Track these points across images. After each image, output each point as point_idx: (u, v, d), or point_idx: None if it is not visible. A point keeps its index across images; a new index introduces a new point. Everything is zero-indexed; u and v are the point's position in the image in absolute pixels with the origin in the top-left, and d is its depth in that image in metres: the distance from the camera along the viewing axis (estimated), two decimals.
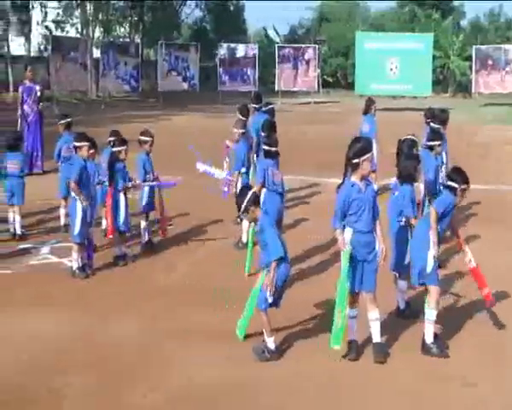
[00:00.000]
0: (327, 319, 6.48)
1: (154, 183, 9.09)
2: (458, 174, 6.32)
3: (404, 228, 6.91)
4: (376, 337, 6.01)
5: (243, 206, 6.08)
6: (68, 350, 6.19)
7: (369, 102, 12.79)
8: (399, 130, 9.79)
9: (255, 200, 6.12)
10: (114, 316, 6.96)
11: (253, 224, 6.78)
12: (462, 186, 6.22)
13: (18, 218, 9.59)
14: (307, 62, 35.60)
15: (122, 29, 42.26)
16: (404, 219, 6.90)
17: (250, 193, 6.12)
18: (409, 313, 6.86)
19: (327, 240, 9.20)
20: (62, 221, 9.82)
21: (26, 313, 7.02)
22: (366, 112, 12.68)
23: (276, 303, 6.02)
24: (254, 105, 11.49)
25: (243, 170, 9.45)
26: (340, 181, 6.01)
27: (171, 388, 5.56)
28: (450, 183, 6.27)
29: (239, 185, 9.25)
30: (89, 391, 5.49)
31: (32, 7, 35.05)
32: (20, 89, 15.13)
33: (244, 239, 9.12)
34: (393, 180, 7.57)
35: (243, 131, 9.61)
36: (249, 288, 6.69)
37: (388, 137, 12.79)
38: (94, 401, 5.37)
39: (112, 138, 9.33)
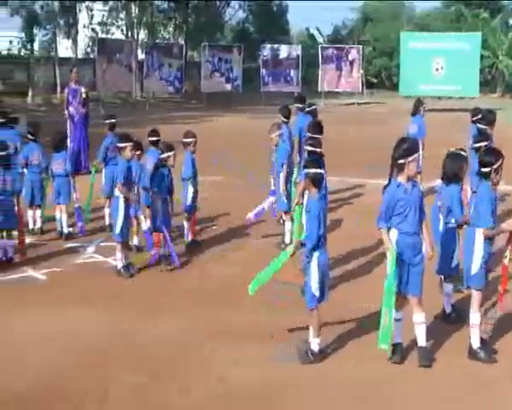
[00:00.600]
0: (371, 321, 6.45)
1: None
2: (489, 155, 6.11)
3: (450, 230, 6.78)
4: (422, 341, 5.92)
5: (307, 170, 6.13)
6: (108, 349, 6.24)
7: (418, 104, 12.64)
8: (445, 132, 9.62)
9: (315, 178, 6.08)
10: (149, 316, 7.00)
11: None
12: (495, 166, 6.01)
13: (65, 217, 9.75)
14: (351, 63, 35.35)
15: (166, 31, 42.66)
16: (453, 221, 6.77)
17: (315, 170, 6.10)
18: (455, 317, 6.74)
19: (371, 241, 9.11)
20: (107, 221, 9.94)
21: (70, 311, 7.12)
22: (414, 113, 12.53)
23: (322, 297, 5.99)
24: (298, 105, 11.46)
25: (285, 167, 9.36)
26: (386, 182, 5.94)
27: (211, 387, 5.57)
28: (483, 169, 6.04)
29: (282, 182, 9.21)
30: (128, 390, 5.53)
31: (79, 10, 35.66)
32: (66, 90, 15.39)
33: (287, 240, 9.09)
34: (438, 182, 7.45)
35: (281, 132, 9.49)
36: (293, 290, 6.69)
37: (434, 139, 12.63)
38: (133, 399, 5.41)
39: (152, 138, 9.47)
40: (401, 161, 5.77)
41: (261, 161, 9.65)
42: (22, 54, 33.20)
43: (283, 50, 36.59)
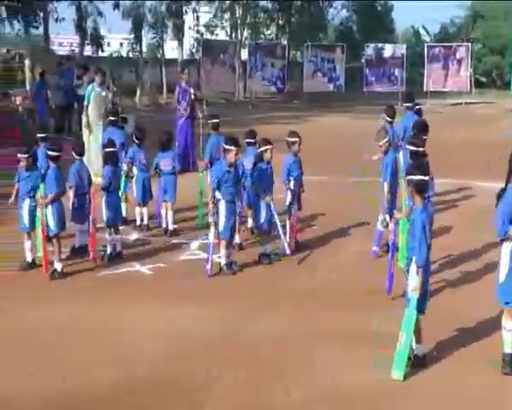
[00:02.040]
0: (475, 331, 6.33)
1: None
2: None
3: None
4: None
5: (410, 176, 5.88)
6: (209, 347, 6.31)
7: None
8: None
9: (419, 185, 5.84)
10: (256, 315, 7.05)
11: None
12: None
13: (170, 214, 9.99)
14: (459, 62, 34.20)
15: (269, 31, 42.88)
16: None
17: (419, 177, 5.86)
18: None
19: (477, 247, 8.79)
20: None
21: (173, 306, 7.26)
22: None
23: (422, 309, 5.80)
24: (406, 104, 11.22)
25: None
26: (502, 186, 5.67)
27: (309, 387, 5.55)
28: None
29: (386, 190, 8.92)
30: (237, 388, 5.57)
31: (186, 11, 36.48)
32: (177, 89, 15.58)
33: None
34: None
35: (389, 138, 8.78)
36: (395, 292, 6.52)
37: None
38: (242, 397, 5.44)
39: (249, 140, 9.50)
40: None
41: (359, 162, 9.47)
42: (131, 55, 34.32)
43: (387, 49, 35.90)
